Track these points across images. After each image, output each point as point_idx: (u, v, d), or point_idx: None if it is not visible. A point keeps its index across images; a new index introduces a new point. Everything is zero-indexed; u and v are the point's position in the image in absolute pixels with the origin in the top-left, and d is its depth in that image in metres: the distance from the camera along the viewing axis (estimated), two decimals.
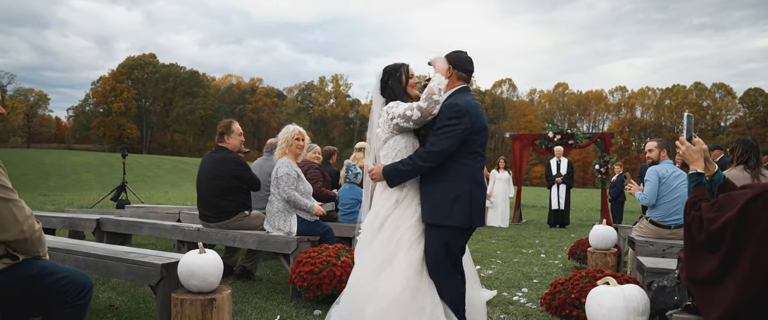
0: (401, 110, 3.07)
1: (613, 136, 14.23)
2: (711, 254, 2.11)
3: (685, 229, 2.25)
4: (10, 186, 2.35)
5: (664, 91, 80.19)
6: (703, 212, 2.13)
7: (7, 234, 2.33)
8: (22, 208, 2.39)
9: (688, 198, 2.32)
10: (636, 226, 5.27)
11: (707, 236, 2.06)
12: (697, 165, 2.40)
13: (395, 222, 3.08)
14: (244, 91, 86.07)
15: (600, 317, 2.32)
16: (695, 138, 2.51)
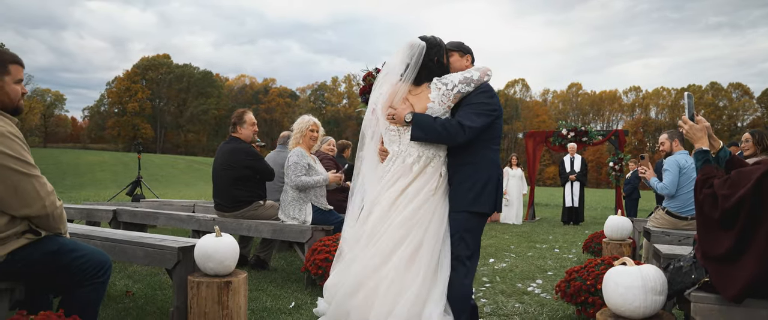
0: (459, 77, 3.00)
1: (627, 134, 14.10)
2: (726, 231, 2.09)
3: (697, 208, 2.23)
4: (32, 162, 2.40)
5: (679, 90, 79.30)
6: (716, 189, 2.11)
7: (30, 209, 2.37)
8: (44, 184, 2.43)
9: (697, 176, 2.30)
10: (652, 217, 5.22)
11: (722, 213, 2.05)
12: (701, 143, 2.38)
13: (411, 212, 2.93)
14: (257, 91, 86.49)
15: (617, 296, 2.31)
16: (697, 116, 2.49)
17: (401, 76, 3.05)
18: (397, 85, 3.07)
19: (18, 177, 2.31)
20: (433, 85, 3.03)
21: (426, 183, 3.00)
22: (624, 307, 2.29)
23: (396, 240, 2.92)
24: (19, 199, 2.33)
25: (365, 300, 2.88)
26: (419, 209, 2.94)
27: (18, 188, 2.32)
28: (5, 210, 2.33)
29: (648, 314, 2.29)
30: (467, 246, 2.97)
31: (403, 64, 3.05)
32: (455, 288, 2.90)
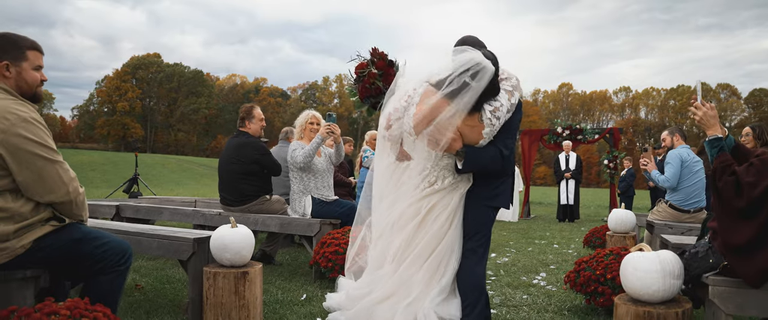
0: (507, 105, 2.80)
1: (622, 132, 14.24)
2: (747, 221, 2.14)
3: (715, 196, 2.28)
4: (55, 147, 2.41)
5: (668, 91, 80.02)
6: (740, 176, 2.16)
7: (54, 195, 2.38)
8: (68, 170, 2.44)
9: (715, 163, 2.34)
10: (654, 210, 5.31)
11: (749, 201, 2.09)
12: (714, 130, 2.42)
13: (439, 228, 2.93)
14: (248, 91, 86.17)
15: (635, 280, 2.36)
16: (707, 104, 2.53)
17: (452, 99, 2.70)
18: (439, 100, 2.73)
19: (43, 163, 2.32)
20: (485, 118, 2.77)
21: (451, 199, 2.99)
22: (643, 291, 2.34)
23: (425, 255, 2.96)
24: (44, 185, 2.34)
25: (390, 308, 2.95)
26: (446, 223, 2.95)
27: (43, 174, 2.33)
28: (30, 196, 2.35)
29: (666, 298, 2.35)
30: (481, 237, 3.02)
31: (457, 84, 2.67)
32: (466, 276, 2.94)
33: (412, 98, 2.84)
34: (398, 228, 3.09)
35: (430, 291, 2.95)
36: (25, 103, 2.41)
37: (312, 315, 3.53)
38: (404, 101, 2.86)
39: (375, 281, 3.14)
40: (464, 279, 2.94)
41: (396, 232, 3.10)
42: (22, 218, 2.34)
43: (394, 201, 3.15)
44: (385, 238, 3.16)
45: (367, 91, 3.41)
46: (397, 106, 2.86)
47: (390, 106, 2.94)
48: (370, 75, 3.39)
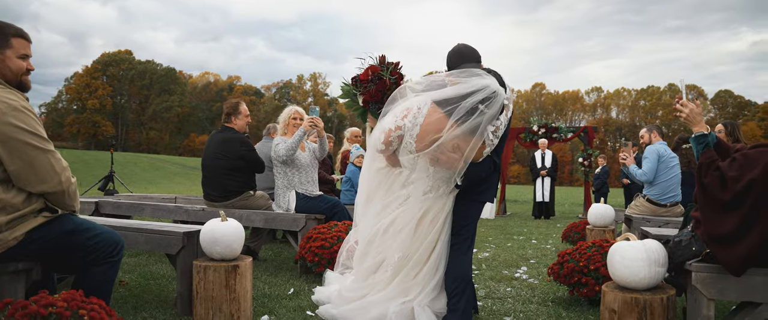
0: (505, 120, 2.83)
1: (596, 130, 14.53)
2: (729, 213, 2.24)
3: (700, 190, 2.37)
4: (46, 136, 2.37)
5: (639, 91, 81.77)
6: (724, 171, 2.26)
7: (47, 185, 2.34)
8: (59, 160, 2.41)
9: (701, 159, 2.44)
10: (632, 204, 5.46)
11: (734, 195, 2.19)
12: (700, 127, 2.53)
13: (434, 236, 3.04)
14: (221, 89, 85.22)
15: (623, 268, 2.44)
16: (690, 103, 2.63)
17: (453, 118, 2.70)
18: (445, 122, 2.71)
19: (34, 152, 2.29)
20: (488, 139, 2.78)
21: (443, 204, 3.06)
22: (630, 279, 2.43)
23: (423, 261, 3.06)
24: (36, 175, 2.31)
25: (386, 304, 3.04)
26: (440, 227, 3.04)
27: (34, 163, 2.30)
28: (22, 186, 2.31)
29: (652, 285, 2.44)
30: (468, 230, 3.09)
31: (467, 108, 2.66)
32: (454, 267, 3.02)
33: (416, 117, 2.79)
34: (391, 234, 3.15)
35: (426, 288, 3.03)
36: (13, 91, 2.37)
37: (301, 308, 3.54)
38: (408, 119, 2.80)
39: (371, 285, 3.20)
40: (451, 271, 3.02)
41: (389, 238, 3.15)
42: (14, 209, 2.31)
43: (384, 206, 3.21)
44: (377, 244, 3.20)
45: (376, 97, 3.35)
46: (400, 124, 2.81)
47: (389, 120, 2.88)
48: (384, 82, 3.33)
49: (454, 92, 2.69)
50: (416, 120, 2.77)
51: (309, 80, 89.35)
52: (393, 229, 3.12)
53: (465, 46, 2.97)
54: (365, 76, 3.40)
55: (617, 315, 2.42)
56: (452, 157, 2.76)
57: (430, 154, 2.80)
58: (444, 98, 2.72)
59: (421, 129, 2.77)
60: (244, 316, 3.22)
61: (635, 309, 2.37)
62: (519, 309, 3.67)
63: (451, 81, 2.77)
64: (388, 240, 3.13)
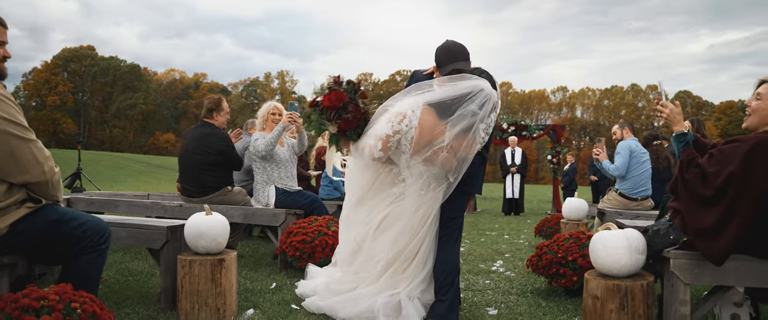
0: (494, 118, 2.90)
1: (564, 128, 14.86)
2: (710, 207, 2.36)
3: (681, 185, 2.48)
4: (27, 125, 2.30)
5: (603, 91, 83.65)
6: (704, 167, 2.37)
7: (29, 175, 2.28)
8: (42, 149, 2.35)
9: (682, 156, 2.56)
10: (604, 198, 5.63)
11: (714, 190, 2.30)
12: (680, 126, 2.64)
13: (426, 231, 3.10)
14: (187, 86, 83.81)
15: (605, 256, 2.54)
16: (669, 104, 2.74)
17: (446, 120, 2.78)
18: (439, 125, 2.80)
19: (16, 141, 2.23)
20: (479, 138, 2.85)
21: (435, 199, 3.09)
22: (612, 266, 2.53)
23: (412, 255, 3.11)
24: (18, 165, 2.25)
25: (374, 296, 3.08)
26: (430, 226, 3.09)
27: (16, 154, 2.23)
28: (3, 177, 2.25)
29: (632, 272, 2.55)
30: (456, 222, 3.16)
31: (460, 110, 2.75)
32: (443, 259, 3.08)
33: (412, 121, 2.82)
34: (383, 231, 3.18)
35: (414, 281, 3.08)
36: None
37: (285, 302, 3.56)
38: (404, 122, 2.83)
39: (361, 279, 3.23)
40: (440, 262, 3.08)
41: (381, 234, 3.19)
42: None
43: (375, 205, 3.24)
44: (368, 241, 3.24)
45: (352, 124, 3.00)
46: (397, 128, 2.83)
47: (383, 126, 2.89)
48: (357, 108, 3.02)
49: (447, 94, 2.75)
50: (411, 123, 2.81)
51: (276, 78, 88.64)
52: (384, 226, 3.16)
53: (454, 44, 2.97)
54: (331, 104, 3.02)
55: (600, 301, 2.51)
56: (446, 157, 2.82)
57: (424, 156, 2.87)
58: (437, 101, 2.78)
59: (416, 132, 2.82)
60: (230, 310, 3.22)
61: (617, 295, 2.47)
62: (499, 300, 3.75)
63: (441, 84, 2.82)
64: (380, 236, 3.17)
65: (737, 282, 2.40)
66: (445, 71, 2.90)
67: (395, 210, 3.12)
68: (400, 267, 3.11)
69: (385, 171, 3.21)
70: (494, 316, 3.32)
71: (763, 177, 2.24)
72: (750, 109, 2.48)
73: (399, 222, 3.10)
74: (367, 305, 3.04)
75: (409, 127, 2.83)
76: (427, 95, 2.84)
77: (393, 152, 2.98)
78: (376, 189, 3.23)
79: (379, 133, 2.89)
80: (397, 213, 3.10)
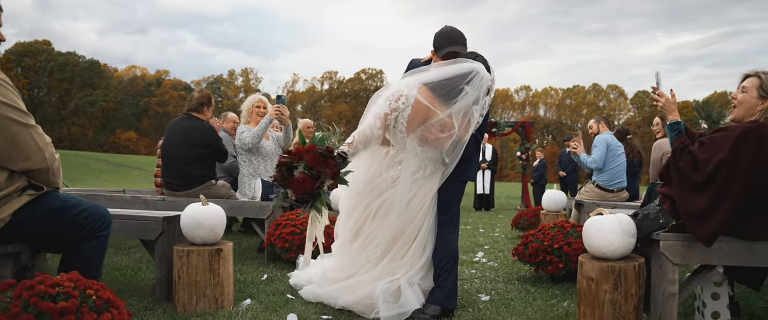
0: (489, 100, 3.03)
1: (533, 126, 15.19)
2: (700, 192, 2.52)
3: (675, 172, 2.63)
4: (26, 110, 2.24)
5: (565, 91, 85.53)
6: (696, 154, 2.52)
7: (30, 162, 2.23)
8: (42, 135, 2.29)
9: (675, 144, 2.71)
10: (582, 190, 5.82)
11: (705, 176, 2.46)
12: (675, 115, 2.80)
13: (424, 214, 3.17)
14: (149, 83, 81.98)
15: (599, 239, 2.67)
16: (663, 92, 2.90)
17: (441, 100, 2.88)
18: (434, 103, 2.89)
19: (17, 127, 2.17)
20: (474, 119, 2.95)
21: (431, 185, 3.18)
22: (605, 249, 2.66)
23: (411, 241, 3.18)
24: (19, 152, 2.19)
25: (374, 283, 3.13)
26: (427, 212, 3.17)
27: (17, 140, 2.18)
28: (4, 164, 2.19)
29: (624, 254, 2.68)
30: (454, 209, 3.25)
31: (454, 90, 2.83)
32: (442, 246, 3.17)
33: (408, 98, 2.92)
34: (381, 217, 3.24)
35: (414, 267, 3.15)
36: None
37: (280, 292, 3.59)
38: (401, 100, 2.92)
39: (359, 265, 3.28)
40: (440, 249, 3.16)
41: (379, 220, 3.25)
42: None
43: (372, 189, 3.30)
44: (367, 227, 3.30)
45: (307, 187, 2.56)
46: (395, 106, 2.91)
47: (381, 105, 2.96)
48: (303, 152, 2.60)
49: (442, 75, 2.85)
50: (408, 101, 2.91)
51: (240, 76, 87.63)
52: (381, 212, 3.22)
53: (452, 29, 3.09)
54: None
55: (595, 283, 2.64)
56: (440, 136, 2.91)
57: (419, 134, 2.95)
58: (432, 81, 2.88)
59: (412, 110, 2.92)
60: (227, 301, 3.24)
61: (611, 276, 2.60)
62: (489, 288, 3.86)
63: (438, 66, 2.92)
64: (377, 222, 3.23)
65: (721, 261, 2.56)
66: (442, 54, 3.03)
67: (392, 194, 3.18)
68: (399, 253, 3.17)
69: (382, 154, 3.28)
70: (487, 302, 3.42)
71: (749, 163, 2.40)
72: (736, 101, 2.66)
73: (396, 206, 3.16)
74: (366, 291, 3.09)
75: (406, 105, 2.92)
76: (424, 75, 2.95)
77: (391, 132, 3.06)
78: (375, 174, 3.30)
79: (377, 111, 2.97)
80: (396, 199, 3.16)
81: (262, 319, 2.97)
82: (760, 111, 2.56)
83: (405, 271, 3.13)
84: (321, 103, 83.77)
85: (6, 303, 1.89)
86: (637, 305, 2.63)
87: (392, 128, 3.02)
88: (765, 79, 2.56)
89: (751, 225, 2.51)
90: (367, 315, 3.05)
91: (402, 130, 2.99)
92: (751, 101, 2.58)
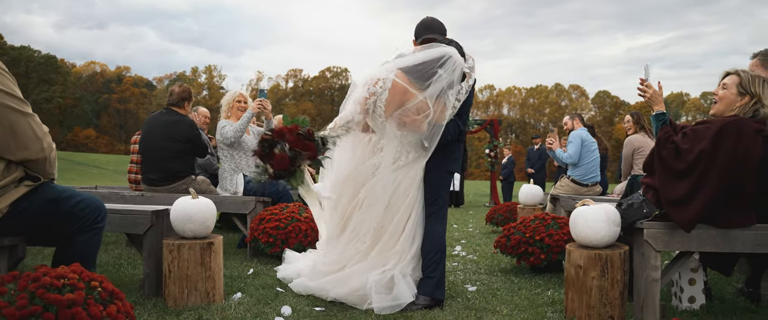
0: (466, 86, 3.12)
1: (501, 123, 15.45)
2: (681, 180, 2.66)
3: (658, 160, 2.77)
4: (23, 97, 2.18)
5: (528, 90, 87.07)
6: (679, 144, 2.66)
7: (28, 152, 2.18)
8: (40, 124, 2.24)
9: (659, 134, 2.84)
10: (557, 184, 5.99)
11: (687, 164, 2.60)
12: (660, 107, 2.93)
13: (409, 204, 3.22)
14: (109, 80, 79.85)
15: (586, 228, 2.79)
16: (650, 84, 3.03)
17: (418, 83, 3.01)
18: (410, 87, 3.02)
19: (15, 116, 2.11)
20: (450, 102, 3.03)
21: (415, 174, 3.24)
22: (593, 237, 2.77)
23: (399, 231, 3.22)
24: (17, 141, 2.13)
25: (365, 274, 3.16)
26: (413, 197, 3.22)
27: (15, 129, 2.12)
28: (2, 154, 2.14)
29: (610, 242, 2.80)
30: (441, 200, 3.32)
31: (428, 73, 2.96)
32: (430, 238, 3.23)
33: (386, 82, 3.04)
34: (367, 206, 3.29)
35: (404, 258, 3.20)
36: None
37: (268, 286, 3.60)
38: (378, 85, 3.05)
39: (349, 257, 3.30)
40: (428, 240, 3.23)
41: (364, 210, 3.29)
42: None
43: (354, 178, 3.35)
44: (354, 219, 3.33)
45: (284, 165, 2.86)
46: (373, 90, 3.05)
47: (360, 91, 3.10)
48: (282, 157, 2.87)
49: (417, 59, 3.00)
50: (385, 85, 3.04)
51: (204, 73, 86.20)
52: (367, 202, 3.26)
53: (432, 19, 3.25)
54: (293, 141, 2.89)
55: (583, 270, 2.75)
56: (417, 119, 3.01)
57: (397, 118, 3.05)
58: (408, 65, 3.02)
59: (389, 94, 3.03)
60: (218, 295, 3.24)
61: (598, 263, 2.72)
62: (474, 279, 3.96)
63: (414, 51, 3.09)
64: (363, 213, 3.27)
65: (699, 247, 2.71)
66: (420, 41, 3.19)
67: (375, 183, 3.22)
68: (388, 243, 3.21)
69: (364, 142, 3.32)
70: (475, 292, 3.51)
71: (727, 155, 2.55)
72: (717, 97, 2.83)
73: (381, 195, 3.20)
74: (358, 283, 3.14)
75: (384, 88, 3.05)
76: (400, 60, 3.09)
77: (371, 116, 3.16)
78: (358, 162, 3.33)
79: (357, 97, 3.10)
80: (378, 186, 3.21)
81: (256, 311, 2.98)
82: (739, 106, 2.72)
83: (396, 261, 3.18)
84: (285, 101, 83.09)
85: (11, 295, 1.87)
86: (622, 291, 2.75)
87: (372, 113, 3.12)
88: (744, 77, 2.72)
89: (726, 213, 2.66)
90: (359, 306, 3.08)
91: (381, 114, 3.09)
92: (731, 97, 2.74)
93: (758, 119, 2.68)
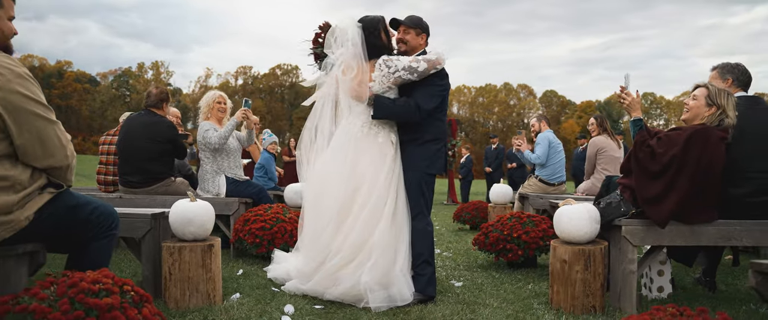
0: (405, 63, 3.29)
1: (459, 123, 15.84)
2: (655, 180, 2.95)
3: (635, 162, 3.04)
4: (48, 104, 2.22)
5: (478, 89, 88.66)
6: (655, 147, 2.94)
7: (54, 159, 2.20)
8: (64, 132, 2.27)
9: (636, 138, 3.12)
10: (526, 184, 6.29)
11: (661, 166, 2.88)
12: (637, 113, 3.22)
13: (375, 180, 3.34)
14: (48, 75, 76.30)
15: (570, 227, 3.04)
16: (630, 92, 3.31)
17: (360, 56, 3.42)
18: (357, 59, 3.42)
19: (42, 123, 2.14)
20: (377, 65, 3.36)
21: (383, 155, 3.39)
22: (576, 234, 3.03)
23: (376, 219, 3.31)
24: (44, 149, 2.16)
25: (354, 271, 3.25)
26: (385, 190, 3.34)
27: (42, 136, 2.15)
28: (28, 161, 2.15)
29: (591, 239, 3.07)
30: (425, 200, 3.48)
31: (355, 43, 3.41)
32: (419, 237, 3.40)
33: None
34: (327, 185, 3.41)
35: (390, 252, 3.31)
36: (8, 57, 2.17)
37: (263, 286, 3.69)
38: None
39: (323, 250, 3.37)
40: (417, 239, 3.38)
41: (326, 190, 3.41)
42: (22, 187, 2.15)
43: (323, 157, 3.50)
44: (325, 201, 3.43)
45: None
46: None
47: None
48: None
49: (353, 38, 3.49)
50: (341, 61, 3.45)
51: (151, 69, 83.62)
52: (328, 181, 3.42)
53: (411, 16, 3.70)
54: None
55: (568, 264, 3.00)
56: (358, 86, 3.37)
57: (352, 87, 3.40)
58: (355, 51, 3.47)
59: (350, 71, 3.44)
60: (218, 296, 3.32)
61: (582, 258, 2.98)
62: (457, 275, 4.17)
63: None
64: (325, 191, 3.41)
65: (671, 241, 3.01)
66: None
67: (330, 156, 3.39)
68: (365, 230, 3.28)
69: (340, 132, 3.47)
70: (462, 287, 3.72)
71: (695, 160, 2.87)
72: (687, 106, 3.14)
73: (362, 188, 3.32)
74: (349, 284, 3.20)
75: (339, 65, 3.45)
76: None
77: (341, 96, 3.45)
78: (334, 152, 3.44)
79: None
80: (334, 159, 3.36)
81: (259, 310, 3.09)
82: (707, 116, 3.04)
83: (379, 253, 3.23)
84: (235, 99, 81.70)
85: (51, 300, 1.93)
86: (603, 283, 3.02)
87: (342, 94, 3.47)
88: (712, 90, 3.04)
89: (694, 212, 2.97)
90: (357, 305, 3.20)
91: (345, 91, 3.40)
92: (700, 108, 3.06)
93: (722, 128, 3.00)
